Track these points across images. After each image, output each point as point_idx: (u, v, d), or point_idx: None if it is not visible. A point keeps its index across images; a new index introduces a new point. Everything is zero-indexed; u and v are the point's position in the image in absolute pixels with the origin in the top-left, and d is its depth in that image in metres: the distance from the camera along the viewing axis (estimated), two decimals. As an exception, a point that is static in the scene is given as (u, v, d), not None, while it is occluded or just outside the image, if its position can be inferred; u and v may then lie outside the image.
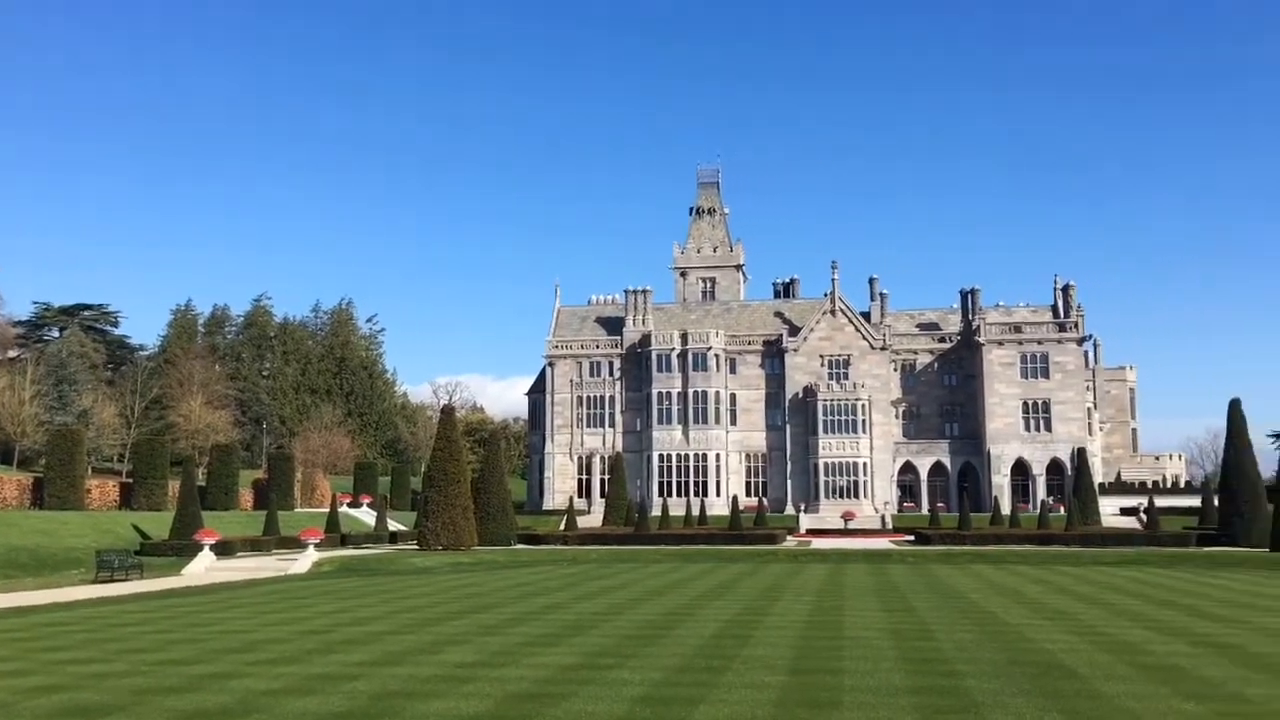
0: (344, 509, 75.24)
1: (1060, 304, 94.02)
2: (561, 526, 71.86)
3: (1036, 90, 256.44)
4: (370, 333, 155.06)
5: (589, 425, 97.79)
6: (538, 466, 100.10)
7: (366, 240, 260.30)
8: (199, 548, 46.74)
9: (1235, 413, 59.10)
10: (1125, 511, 79.08)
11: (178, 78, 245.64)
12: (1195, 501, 75.09)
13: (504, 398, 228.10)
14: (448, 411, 63.00)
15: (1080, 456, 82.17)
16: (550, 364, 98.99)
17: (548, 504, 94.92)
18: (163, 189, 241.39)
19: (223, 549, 49.37)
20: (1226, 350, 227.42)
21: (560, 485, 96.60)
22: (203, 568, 44.98)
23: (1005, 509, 78.75)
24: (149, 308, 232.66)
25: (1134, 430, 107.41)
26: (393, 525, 71.19)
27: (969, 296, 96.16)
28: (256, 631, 23.38)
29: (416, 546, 57.52)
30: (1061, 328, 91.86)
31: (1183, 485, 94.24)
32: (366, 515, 78.83)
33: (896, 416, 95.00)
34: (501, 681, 16.42)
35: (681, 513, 78.68)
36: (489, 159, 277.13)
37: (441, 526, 55.53)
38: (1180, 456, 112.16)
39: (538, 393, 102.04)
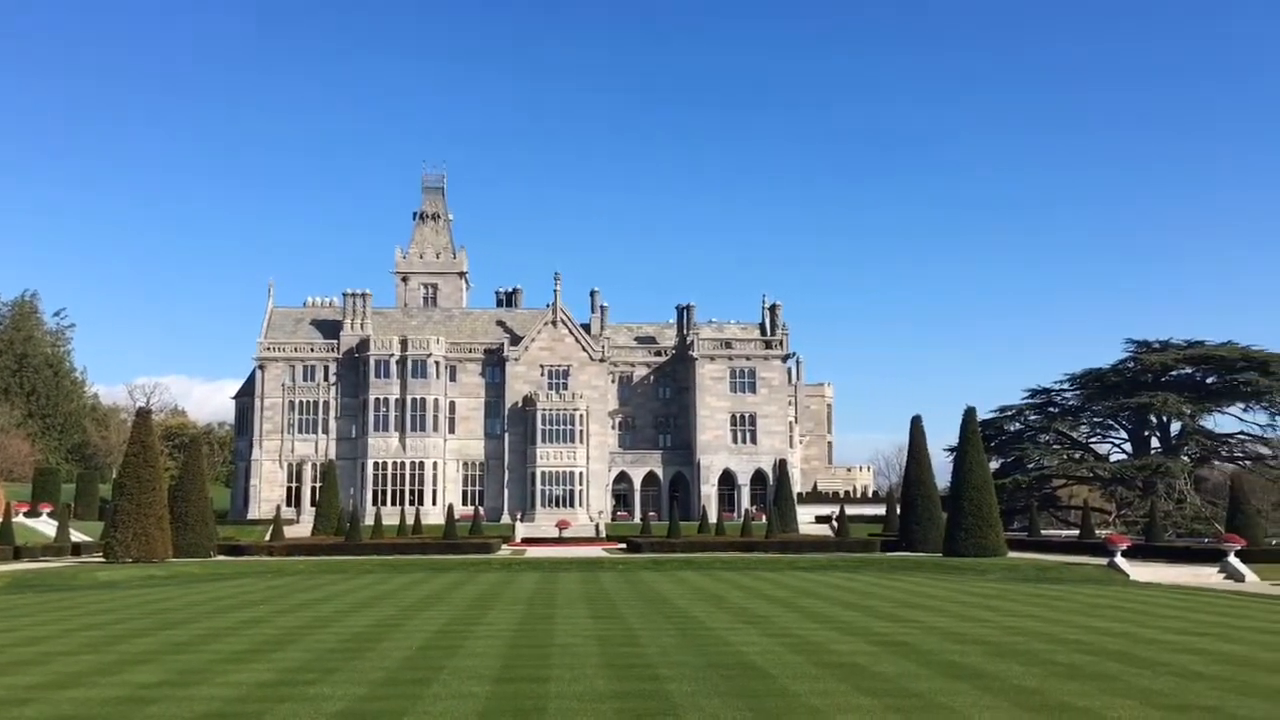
0: (19, 519, 68.79)
1: (768, 322, 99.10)
2: (267, 537, 68.73)
3: (759, 113, 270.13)
4: (57, 328, 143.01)
5: (301, 431, 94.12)
6: (244, 474, 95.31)
7: (56, 231, 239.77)
8: None
9: (916, 429, 64.18)
10: (820, 519, 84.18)
11: None
12: (881, 510, 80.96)
13: (211, 401, 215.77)
14: (143, 414, 58.88)
15: (782, 468, 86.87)
16: (261, 366, 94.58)
17: (253, 513, 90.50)
18: None
19: None
20: (911, 370, 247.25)
21: (268, 494, 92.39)
22: None
23: (713, 517, 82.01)
24: None
25: (830, 443, 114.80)
26: (77, 536, 65.73)
27: (685, 312, 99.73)
28: (-95, 656, 20.97)
29: (103, 559, 53.40)
30: (768, 345, 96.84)
31: (870, 495, 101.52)
32: (46, 526, 72.41)
33: (613, 427, 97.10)
34: (189, 702, 15.50)
35: (396, 522, 77.06)
36: (202, 152, 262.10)
37: (132, 537, 51.79)
38: (869, 468, 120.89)
39: (246, 396, 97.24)
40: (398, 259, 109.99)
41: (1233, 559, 46.20)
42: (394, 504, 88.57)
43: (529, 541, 72.90)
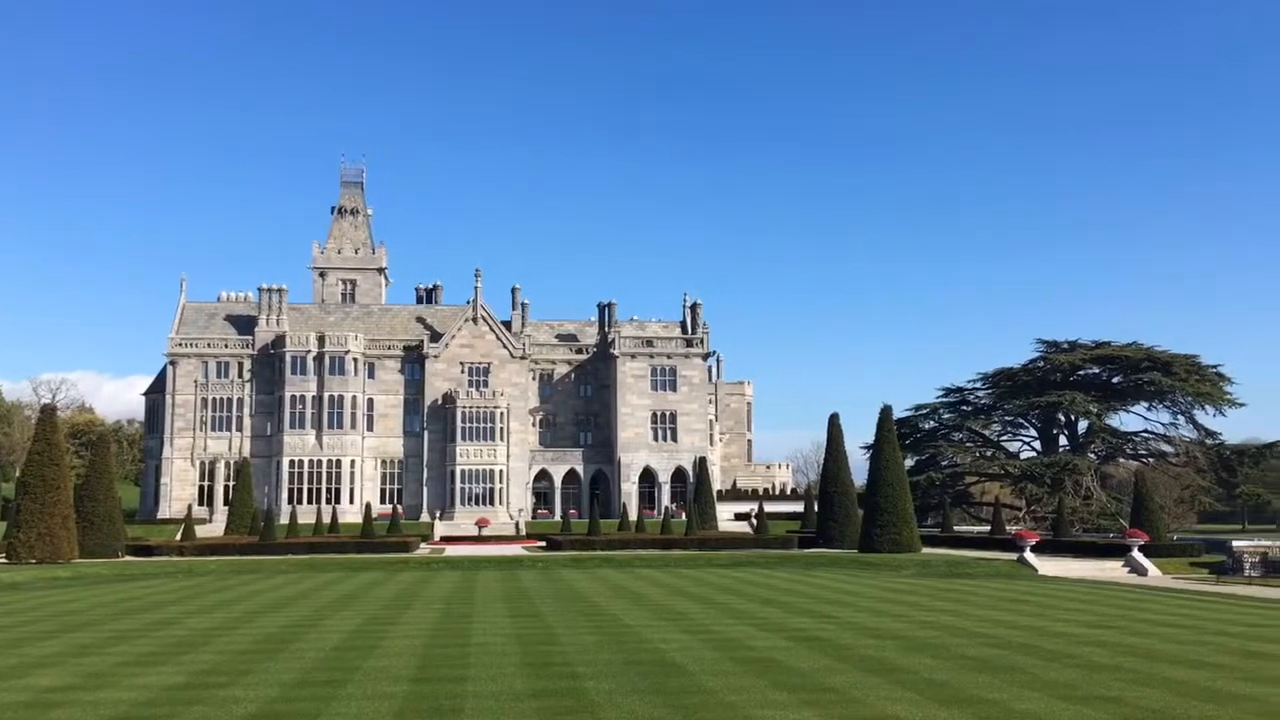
0: (-85, 519, 66.32)
1: (689, 321, 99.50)
2: (178, 536, 67.21)
3: (683, 111, 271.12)
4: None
5: (214, 429, 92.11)
6: (154, 472, 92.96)
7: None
8: None
9: (834, 427, 65.04)
10: (739, 517, 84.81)
11: None
12: (799, 507, 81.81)
13: (121, 398, 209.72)
14: (48, 411, 57.19)
15: (701, 465, 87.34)
16: (172, 362, 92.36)
17: (164, 513, 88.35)
18: None
19: None
20: (830, 369, 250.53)
21: (179, 492, 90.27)
22: None
23: (633, 515, 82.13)
24: None
25: (750, 441, 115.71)
26: (-24, 537, 63.53)
27: (606, 310, 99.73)
28: None
29: (5, 560, 51.75)
30: (689, 343, 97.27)
31: (789, 493, 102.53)
32: (-56, 526, 69.86)
33: (534, 425, 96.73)
34: (95, 706, 15.11)
35: (312, 521, 75.82)
36: (111, 141, 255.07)
37: (36, 538, 50.33)
38: (788, 466, 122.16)
39: (157, 393, 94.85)
40: (315, 254, 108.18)
41: (1136, 554, 47.69)
42: (310, 502, 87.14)
43: (448, 540, 72.33)
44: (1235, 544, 49.65)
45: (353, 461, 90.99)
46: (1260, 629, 23.95)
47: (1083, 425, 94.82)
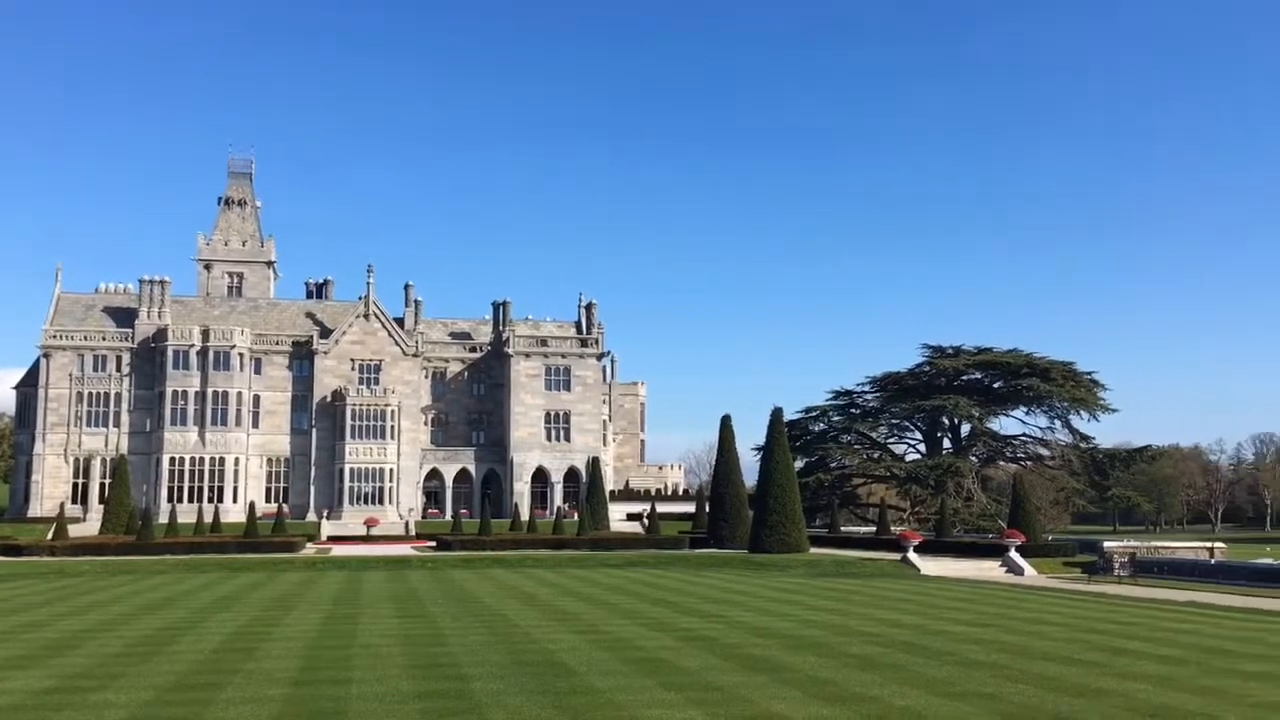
0: None
1: (584, 320, 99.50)
2: (50, 536, 64.57)
3: (579, 108, 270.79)
4: None
5: (90, 424, 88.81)
6: (24, 469, 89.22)
7: None
8: None
9: (726, 428, 65.66)
10: (631, 517, 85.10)
11: None
12: (691, 508, 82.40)
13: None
14: (-90, 404, 54.43)
15: (594, 466, 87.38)
16: (46, 355, 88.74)
17: (35, 511, 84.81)
18: None
19: None
20: (723, 371, 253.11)
21: (51, 490, 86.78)
22: None
23: (525, 515, 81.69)
24: None
25: (642, 441, 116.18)
26: None
27: (501, 309, 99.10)
28: None
29: None
30: (584, 343, 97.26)
31: (681, 493, 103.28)
32: None
33: (425, 423, 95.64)
34: (-45, 713, 14.44)
35: (193, 520, 73.58)
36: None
37: (-106, 537, 47.81)
38: (680, 467, 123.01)
39: (29, 386, 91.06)
40: (200, 246, 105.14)
41: (1013, 554, 49.27)
42: (192, 501, 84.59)
43: (336, 540, 70.96)
44: (1106, 545, 51.69)
45: (237, 459, 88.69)
46: (1128, 627, 24.94)
47: (965, 429, 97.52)
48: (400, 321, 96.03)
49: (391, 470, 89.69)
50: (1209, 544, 53.18)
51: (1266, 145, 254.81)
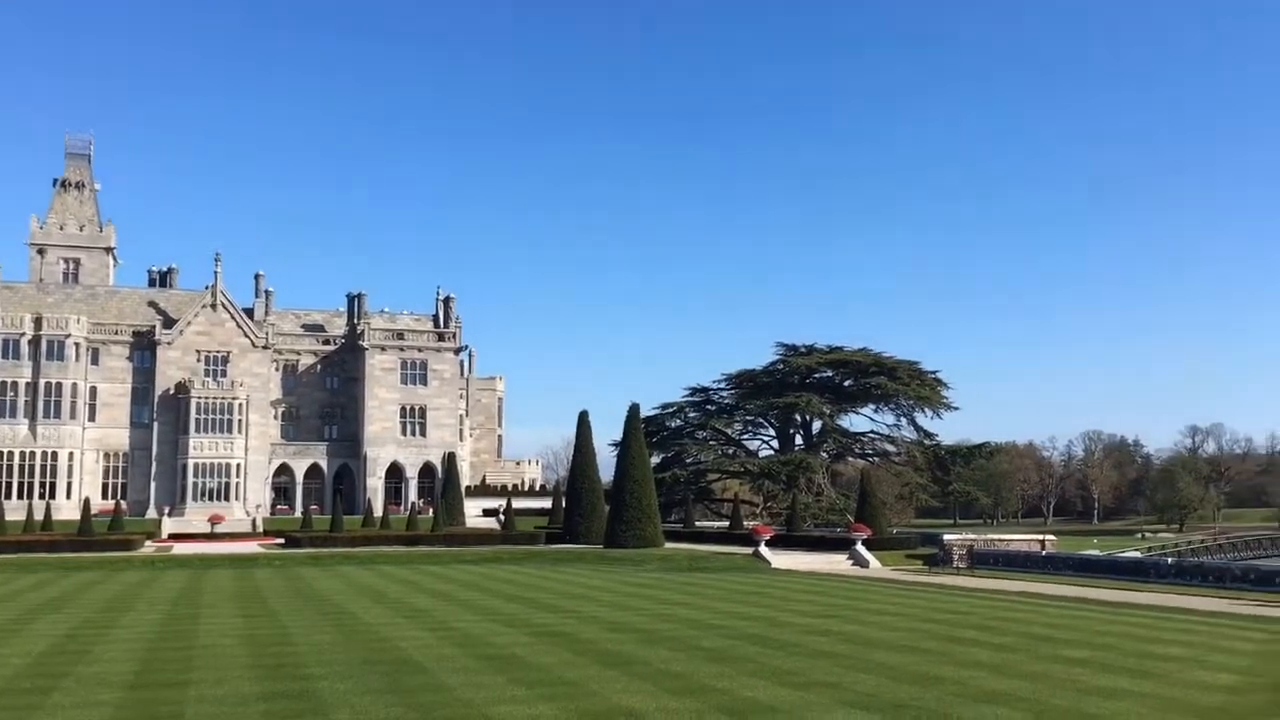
0: None
1: (441, 314, 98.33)
2: None
3: (437, 100, 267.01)
4: None
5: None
6: None
7: None
8: None
9: (583, 424, 65.81)
10: (488, 513, 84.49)
11: None
12: (548, 504, 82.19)
13: None
14: None
15: (451, 461, 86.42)
16: None
17: None
18: None
19: None
20: (582, 366, 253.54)
21: None
22: None
23: (378, 511, 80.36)
24: None
25: (500, 437, 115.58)
26: None
27: (356, 301, 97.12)
28: None
29: None
30: (441, 337, 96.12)
31: (539, 489, 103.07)
32: None
33: (276, 417, 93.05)
34: None
35: (22, 517, 69.79)
36: None
37: None
38: (538, 462, 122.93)
39: None
40: (34, 229, 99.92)
41: (860, 547, 50.79)
42: (21, 498, 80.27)
43: (178, 538, 68.29)
44: (946, 538, 53.73)
45: (71, 454, 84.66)
46: (964, 616, 26.01)
47: (817, 425, 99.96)
48: (250, 312, 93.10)
49: (239, 465, 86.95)
50: (1041, 536, 55.81)
51: (1097, 148, 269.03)
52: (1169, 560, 45.64)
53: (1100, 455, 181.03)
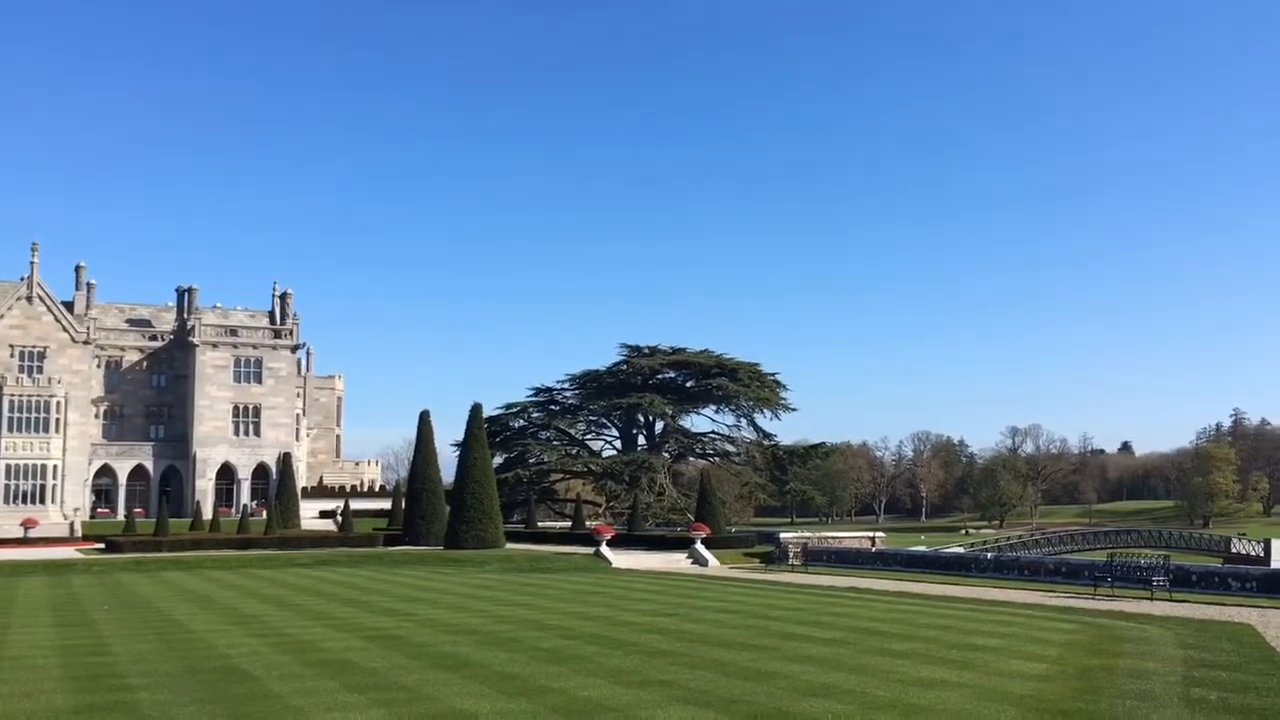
0: None
1: (278, 311, 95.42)
2: None
3: (277, 92, 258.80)
4: None
5: None
6: None
7: None
8: None
9: (424, 424, 64.89)
10: (325, 514, 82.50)
11: None
12: (388, 504, 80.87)
13: None
14: None
15: (286, 461, 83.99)
16: None
17: None
18: None
19: None
20: (423, 366, 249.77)
21: None
22: None
23: (208, 514, 77.40)
24: None
25: (339, 437, 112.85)
26: None
27: (186, 295, 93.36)
28: None
29: None
30: (277, 334, 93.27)
31: (379, 489, 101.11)
32: None
33: (97, 416, 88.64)
34: None
35: None
36: None
37: None
38: (378, 463, 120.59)
39: None
40: None
41: (699, 546, 51.62)
42: None
43: (-14, 543, 64.32)
44: (782, 536, 55.13)
45: None
46: (796, 612, 26.73)
47: (659, 426, 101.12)
48: (70, 305, 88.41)
49: (55, 467, 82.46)
50: (871, 534, 57.84)
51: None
52: (989, 555, 47.99)
53: (929, 455, 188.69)
